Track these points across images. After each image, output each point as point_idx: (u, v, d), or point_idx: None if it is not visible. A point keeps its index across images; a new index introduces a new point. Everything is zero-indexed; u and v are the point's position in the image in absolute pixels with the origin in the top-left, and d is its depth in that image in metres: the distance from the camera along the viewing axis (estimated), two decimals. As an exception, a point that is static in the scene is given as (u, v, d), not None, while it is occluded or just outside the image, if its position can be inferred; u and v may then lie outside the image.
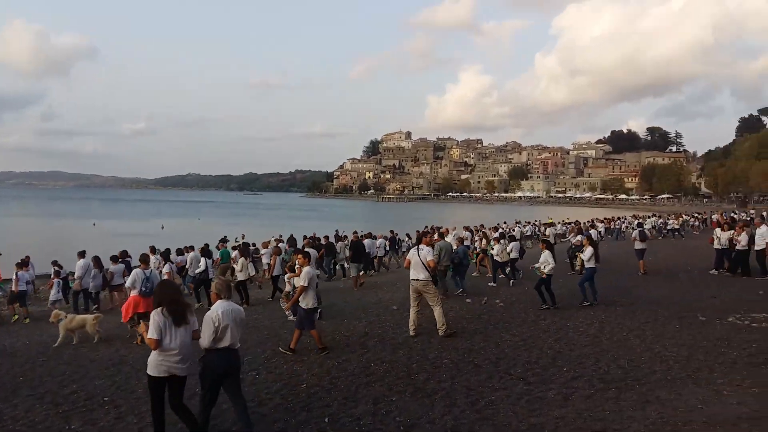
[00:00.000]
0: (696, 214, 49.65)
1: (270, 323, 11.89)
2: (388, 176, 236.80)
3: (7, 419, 6.57)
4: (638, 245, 18.33)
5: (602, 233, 33.93)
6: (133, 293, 11.16)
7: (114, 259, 15.80)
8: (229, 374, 5.72)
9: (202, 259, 15.34)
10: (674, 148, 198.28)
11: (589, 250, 12.98)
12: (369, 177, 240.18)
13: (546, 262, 12.35)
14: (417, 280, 10.03)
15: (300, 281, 9.32)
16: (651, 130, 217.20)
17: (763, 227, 16.27)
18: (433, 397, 6.91)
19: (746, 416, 5.73)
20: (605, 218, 43.06)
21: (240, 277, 14.63)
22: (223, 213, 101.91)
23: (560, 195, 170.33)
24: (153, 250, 17.72)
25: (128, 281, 11.62)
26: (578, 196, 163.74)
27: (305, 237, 20.71)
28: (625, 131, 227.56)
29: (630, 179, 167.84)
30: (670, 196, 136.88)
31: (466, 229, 23.93)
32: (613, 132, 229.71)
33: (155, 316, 5.43)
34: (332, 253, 20.35)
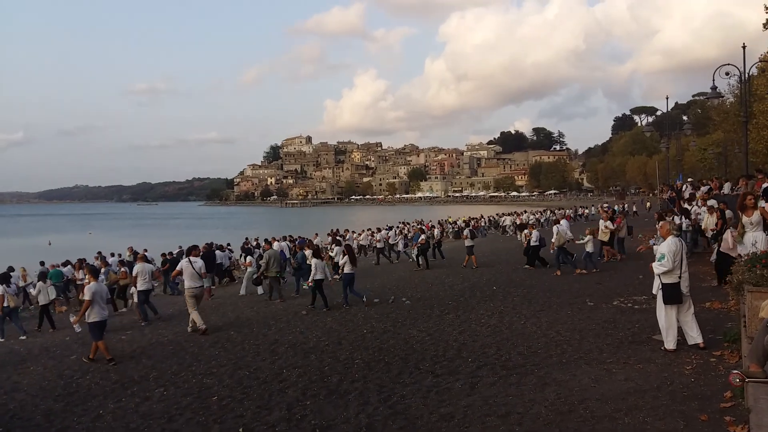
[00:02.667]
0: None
1: (174, 337, 11.51)
2: (291, 181, 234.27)
3: None
4: (468, 242, 20.33)
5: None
6: None
7: None
8: None
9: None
10: (558, 147, 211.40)
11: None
12: (271, 183, 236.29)
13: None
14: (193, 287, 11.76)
15: (85, 297, 9.98)
16: (536, 131, 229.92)
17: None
18: (346, 397, 7.05)
19: (633, 390, 6.31)
20: (471, 218, 45.26)
21: (41, 301, 14.75)
22: (117, 225, 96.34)
23: (457, 194, 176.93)
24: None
25: None
26: (474, 194, 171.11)
27: (163, 254, 21.80)
28: (513, 132, 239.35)
29: (520, 177, 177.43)
30: (557, 191, 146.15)
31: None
32: (502, 133, 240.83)
33: None
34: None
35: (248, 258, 19.22)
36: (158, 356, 9.90)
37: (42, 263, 21.19)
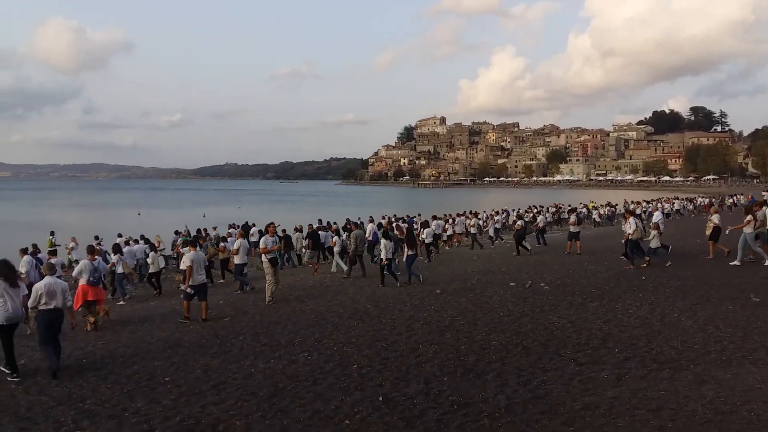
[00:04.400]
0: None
1: (315, 307, 12.10)
2: (423, 162, 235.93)
3: (75, 398, 6.90)
4: (573, 228, 20.44)
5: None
6: (81, 282, 11.61)
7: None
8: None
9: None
10: (719, 128, 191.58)
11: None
12: (404, 163, 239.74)
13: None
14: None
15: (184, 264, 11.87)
16: (694, 110, 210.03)
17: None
18: (484, 377, 6.97)
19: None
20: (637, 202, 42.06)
21: (151, 269, 16.28)
22: (262, 200, 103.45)
23: (601, 178, 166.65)
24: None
25: (75, 271, 12.12)
26: (619, 178, 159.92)
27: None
28: (667, 111, 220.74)
29: (673, 160, 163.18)
30: (716, 177, 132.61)
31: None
32: (654, 113, 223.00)
33: None
34: (289, 245, 21.00)
35: (335, 238, 19.98)
36: (302, 324, 10.47)
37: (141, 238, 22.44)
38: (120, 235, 22.92)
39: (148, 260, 16.67)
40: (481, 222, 26.87)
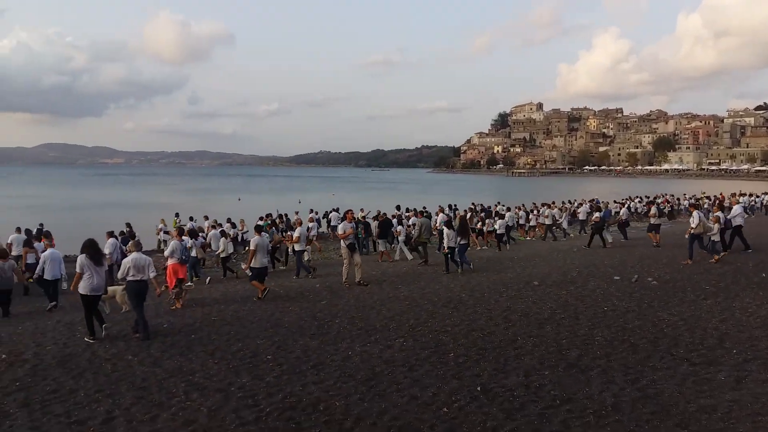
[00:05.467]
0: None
1: (409, 293, 12.13)
2: (518, 150, 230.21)
3: (186, 371, 7.33)
4: (654, 221, 19.99)
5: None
6: (172, 261, 12.19)
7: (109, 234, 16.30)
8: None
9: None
10: None
11: None
12: (498, 151, 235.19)
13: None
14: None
15: (250, 247, 12.71)
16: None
17: None
18: (588, 373, 6.67)
19: None
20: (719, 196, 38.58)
21: (222, 255, 16.93)
22: (355, 188, 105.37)
23: (713, 167, 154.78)
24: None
25: (167, 251, 12.75)
26: (734, 168, 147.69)
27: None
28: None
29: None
30: None
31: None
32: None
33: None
34: (368, 232, 21.88)
35: (399, 227, 20.40)
36: (396, 309, 10.52)
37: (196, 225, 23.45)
38: (206, 218, 24.27)
39: (220, 245, 17.08)
40: (555, 213, 26.05)
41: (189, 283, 12.78)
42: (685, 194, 43.89)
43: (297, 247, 15.90)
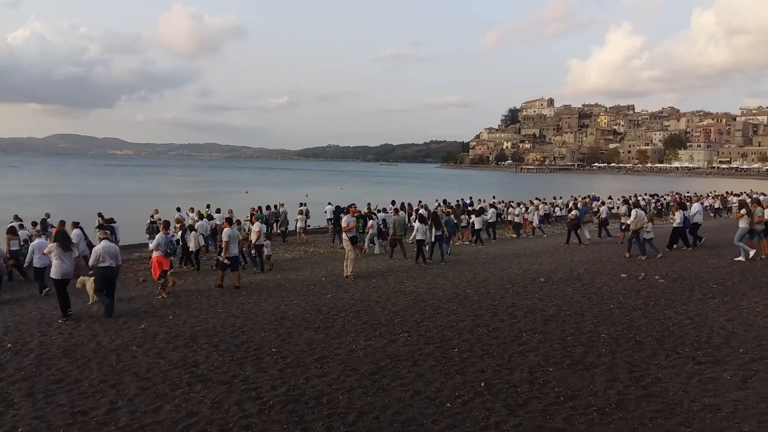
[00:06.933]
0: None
1: (415, 288, 12.11)
2: (528, 146, 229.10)
3: (190, 363, 7.35)
4: (624, 219, 19.46)
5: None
6: (157, 254, 12.43)
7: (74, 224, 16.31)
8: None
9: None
10: None
11: None
12: (507, 147, 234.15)
13: None
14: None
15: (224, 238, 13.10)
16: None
17: None
18: (592, 370, 6.63)
19: None
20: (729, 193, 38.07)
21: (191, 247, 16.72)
22: (363, 182, 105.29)
23: (725, 166, 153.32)
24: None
25: (153, 244, 13.11)
26: (746, 167, 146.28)
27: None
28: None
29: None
30: None
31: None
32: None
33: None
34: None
35: (370, 221, 20.31)
36: (401, 304, 10.51)
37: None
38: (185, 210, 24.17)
39: (189, 239, 16.71)
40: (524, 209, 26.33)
41: (170, 270, 13.00)
42: (671, 192, 43.01)
43: (257, 242, 15.90)
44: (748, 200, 16.52)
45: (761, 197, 35.23)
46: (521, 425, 5.24)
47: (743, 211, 14.32)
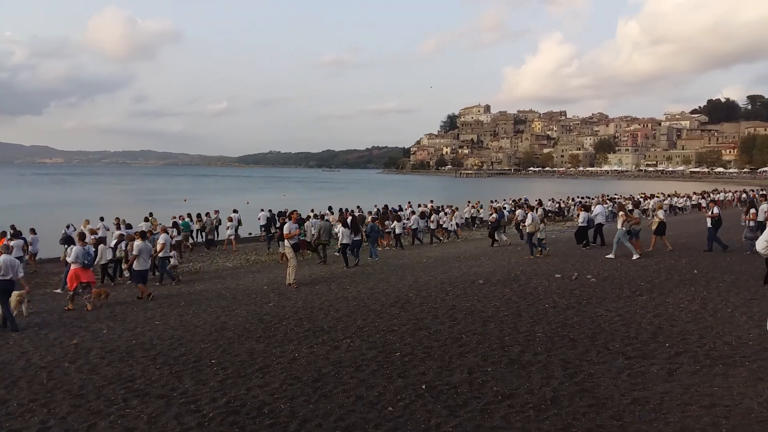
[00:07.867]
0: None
1: (358, 294, 12.16)
2: (466, 151, 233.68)
3: (126, 378, 7.12)
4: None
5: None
6: (75, 266, 12.30)
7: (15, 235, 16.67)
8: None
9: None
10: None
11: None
12: (446, 152, 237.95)
13: None
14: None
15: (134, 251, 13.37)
16: (752, 99, 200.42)
17: None
18: (529, 368, 6.86)
19: None
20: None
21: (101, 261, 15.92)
22: (305, 188, 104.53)
23: (651, 168, 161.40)
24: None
25: (71, 257, 12.76)
26: (671, 169, 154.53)
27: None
28: (722, 100, 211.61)
29: (728, 151, 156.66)
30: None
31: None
32: (709, 101, 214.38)
33: None
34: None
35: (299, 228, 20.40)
36: (344, 310, 10.53)
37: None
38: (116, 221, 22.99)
39: (98, 252, 15.55)
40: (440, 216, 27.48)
41: (103, 289, 13.00)
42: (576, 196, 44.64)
43: (161, 254, 15.38)
44: (629, 205, 19.11)
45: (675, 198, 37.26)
46: (461, 425, 5.36)
47: (621, 213, 16.50)
